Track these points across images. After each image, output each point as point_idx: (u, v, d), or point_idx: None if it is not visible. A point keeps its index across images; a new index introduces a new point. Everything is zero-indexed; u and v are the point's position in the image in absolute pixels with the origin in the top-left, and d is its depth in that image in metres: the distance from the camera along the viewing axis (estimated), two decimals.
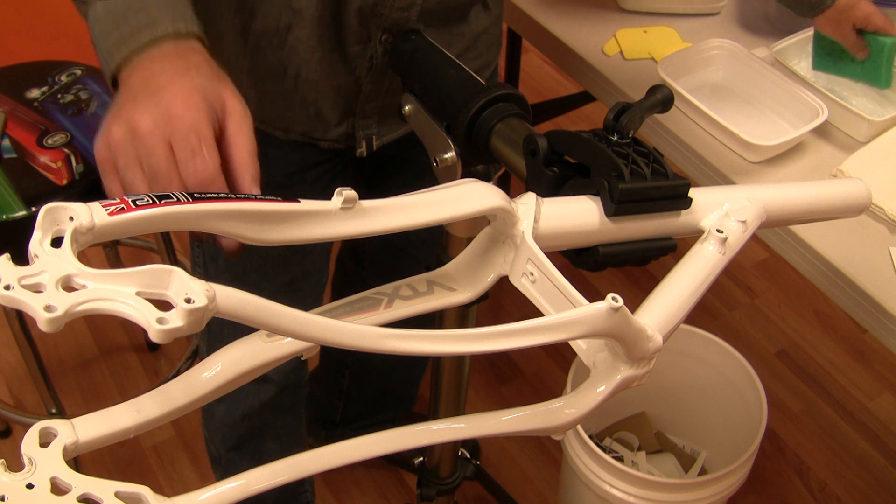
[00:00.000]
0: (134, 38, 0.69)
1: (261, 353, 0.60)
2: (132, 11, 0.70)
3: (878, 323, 0.99)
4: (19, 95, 1.45)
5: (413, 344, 0.52)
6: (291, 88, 0.98)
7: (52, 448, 0.48)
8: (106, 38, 0.70)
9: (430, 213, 0.59)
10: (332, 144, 1.04)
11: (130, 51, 0.69)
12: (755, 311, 2.10)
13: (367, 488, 1.77)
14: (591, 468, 1.38)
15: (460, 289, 0.70)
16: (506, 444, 1.83)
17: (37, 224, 0.46)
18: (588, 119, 2.45)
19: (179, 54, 0.69)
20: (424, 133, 0.86)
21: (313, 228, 0.55)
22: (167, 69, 0.67)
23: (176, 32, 0.69)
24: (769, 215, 0.74)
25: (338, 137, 1.03)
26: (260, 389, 1.28)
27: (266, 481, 0.57)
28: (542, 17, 1.36)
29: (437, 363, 1.01)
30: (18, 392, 1.90)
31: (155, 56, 0.69)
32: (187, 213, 0.49)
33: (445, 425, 0.64)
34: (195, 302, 0.43)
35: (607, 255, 0.67)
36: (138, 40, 0.69)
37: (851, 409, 1.91)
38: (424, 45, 0.90)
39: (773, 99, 1.21)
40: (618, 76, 1.25)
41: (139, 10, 0.70)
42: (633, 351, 0.59)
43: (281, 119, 1.02)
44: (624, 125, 0.68)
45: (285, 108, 1.00)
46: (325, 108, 1.00)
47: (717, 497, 1.37)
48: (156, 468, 1.79)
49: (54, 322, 0.41)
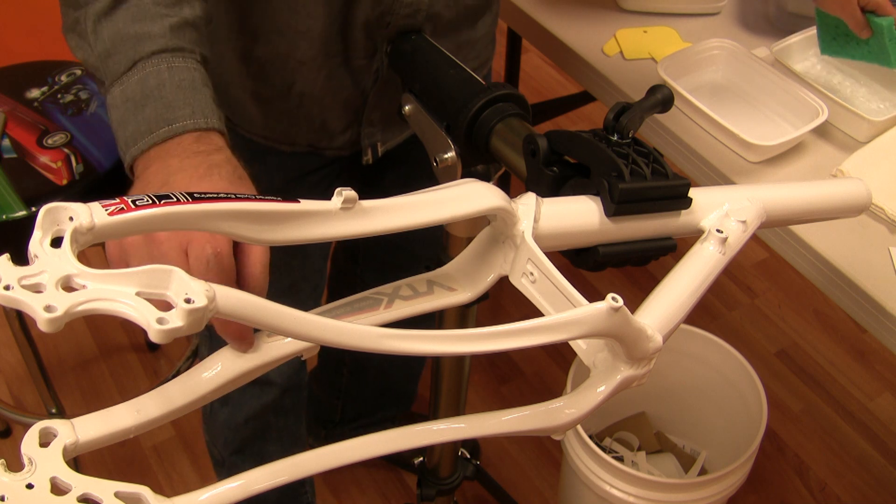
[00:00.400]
0: (152, 132, 0.66)
1: (261, 353, 0.60)
2: (150, 100, 0.67)
3: (878, 323, 0.99)
4: (19, 95, 1.45)
5: (413, 344, 0.52)
6: (296, 105, 0.97)
7: (52, 448, 0.48)
8: (123, 128, 0.68)
9: (430, 213, 0.59)
10: (337, 152, 1.05)
11: (148, 146, 0.66)
12: (755, 311, 2.10)
13: (367, 488, 1.77)
14: (591, 468, 1.38)
15: (460, 289, 0.70)
16: (506, 444, 1.83)
17: (37, 224, 0.46)
18: (588, 119, 2.45)
19: (200, 152, 0.66)
20: (424, 133, 0.86)
21: (313, 228, 0.55)
22: (187, 170, 0.64)
23: (196, 128, 0.67)
24: (769, 215, 0.74)
25: (343, 145, 1.04)
26: (262, 392, 1.28)
27: (266, 481, 0.57)
28: (542, 17, 1.36)
29: (437, 363, 1.01)
30: (18, 392, 1.90)
31: (174, 151, 0.66)
32: (187, 213, 0.49)
33: (445, 425, 0.64)
34: (195, 302, 0.43)
35: (607, 255, 0.67)
36: (156, 136, 0.66)
37: (851, 409, 1.91)
38: (424, 45, 0.90)
39: (773, 99, 1.21)
40: (618, 76, 1.25)
41: (157, 98, 0.67)
42: (633, 351, 0.59)
43: (286, 134, 1.01)
44: (624, 125, 0.68)
45: (290, 124, 1.00)
46: (330, 121, 1.00)
47: (717, 497, 1.37)
48: (156, 468, 1.79)
49: (54, 322, 0.41)
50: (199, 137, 0.67)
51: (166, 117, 0.67)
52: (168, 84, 0.68)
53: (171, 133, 0.66)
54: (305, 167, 1.06)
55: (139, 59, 0.68)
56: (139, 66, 0.68)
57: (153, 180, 0.65)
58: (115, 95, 0.69)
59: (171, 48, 0.69)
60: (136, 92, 0.68)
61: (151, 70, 0.68)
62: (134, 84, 0.68)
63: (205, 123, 0.68)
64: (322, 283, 1.21)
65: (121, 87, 0.68)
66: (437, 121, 0.84)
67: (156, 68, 0.68)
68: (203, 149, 0.67)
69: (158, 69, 0.68)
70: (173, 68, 0.69)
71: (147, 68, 0.68)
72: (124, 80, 0.68)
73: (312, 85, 0.95)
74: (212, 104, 0.69)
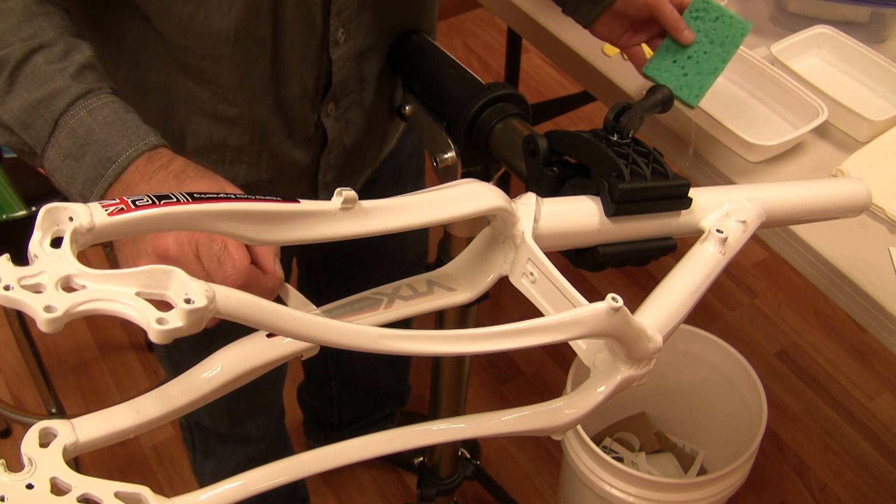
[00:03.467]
0: (101, 175, 0.68)
1: (261, 353, 0.60)
2: (86, 147, 0.68)
3: (878, 323, 0.99)
4: None
5: (413, 344, 0.52)
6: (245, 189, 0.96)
7: (52, 448, 0.48)
8: (73, 184, 0.69)
9: (430, 213, 0.59)
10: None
11: (104, 189, 0.67)
12: (755, 311, 2.10)
13: (367, 488, 1.77)
14: (591, 468, 1.38)
15: (460, 289, 0.70)
16: (506, 444, 1.83)
17: (37, 224, 0.46)
18: (588, 119, 2.45)
19: (158, 168, 0.68)
20: (424, 133, 0.86)
21: (313, 229, 0.55)
22: (161, 188, 0.66)
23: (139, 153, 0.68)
24: (769, 215, 0.74)
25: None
26: (245, 446, 1.29)
27: (266, 481, 0.57)
28: (542, 17, 1.36)
29: (437, 363, 1.01)
30: (18, 392, 1.90)
31: (134, 180, 0.67)
32: (187, 214, 0.49)
33: (445, 425, 0.64)
34: (195, 302, 0.43)
35: (607, 255, 0.67)
36: (108, 177, 0.68)
37: (851, 409, 1.91)
38: (424, 45, 0.90)
39: (773, 99, 1.21)
40: (618, 76, 1.25)
41: (91, 143, 0.68)
42: (633, 351, 0.60)
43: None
44: (624, 125, 0.68)
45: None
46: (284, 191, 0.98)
47: (717, 497, 1.37)
48: (156, 468, 1.79)
49: (54, 322, 0.41)
50: (149, 158, 0.68)
51: (108, 156, 0.68)
52: (95, 127, 0.69)
53: (119, 168, 0.67)
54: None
55: (58, 116, 0.69)
56: (61, 122, 0.69)
57: None
58: (52, 159, 0.70)
59: (82, 94, 0.70)
60: (70, 146, 0.69)
61: (74, 121, 0.69)
62: (63, 140, 0.69)
63: (145, 146, 0.69)
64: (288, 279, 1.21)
65: (54, 149, 0.69)
66: (437, 121, 0.84)
67: (77, 117, 0.69)
68: (158, 165, 0.68)
69: (80, 117, 0.69)
70: (92, 110, 0.69)
71: (69, 121, 0.69)
72: (53, 142, 0.69)
73: (257, 170, 0.92)
74: (143, 126, 0.70)
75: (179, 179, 0.66)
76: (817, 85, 1.19)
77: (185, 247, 0.63)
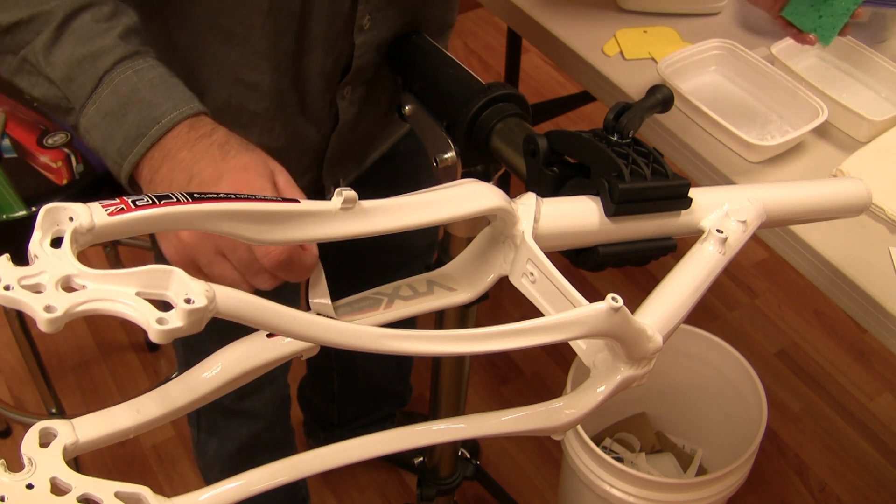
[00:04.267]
0: (143, 135, 0.68)
1: (261, 353, 0.60)
2: (130, 106, 0.68)
3: (878, 323, 0.99)
4: (19, 95, 1.45)
5: (413, 344, 0.52)
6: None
7: (52, 448, 0.48)
8: (111, 142, 0.69)
9: (430, 213, 0.59)
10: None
11: (144, 149, 0.68)
12: (755, 311, 2.10)
13: (367, 488, 1.77)
14: (591, 468, 1.38)
15: (460, 289, 0.70)
16: (506, 444, 1.83)
17: (37, 224, 0.46)
18: (588, 119, 2.45)
19: (201, 136, 0.68)
20: (424, 133, 0.86)
21: (313, 229, 0.55)
22: (204, 157, 0.67)
23: (183, 117, 0.69)
24: (769, 215, 0.74)
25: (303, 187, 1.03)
26: (250, 422, 1.29)
27: (266, 481, 0.57)
28: (542, 17, 1.36)
29: (437, 363, 1.01)
30: (18, 392, 1.90)
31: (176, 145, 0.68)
32: (187, 213, 0.49)
33: (445, 425, 0.64)
34: (195, 302, 0.43)
35: (607, 255, 0.67)
36: (150, 137, 0.68)
37: (851, 409, 1.91)
38: (424, 45, 0.90)
39: (773, 99, 1.21)
40: (618, 76, 1.25)
41: (136, 102, 0.68)
42: (633, 351, 0.59)
43: None
44: (624, 125, 0.68)
45: None
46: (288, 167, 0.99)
47: (717, 497, 1.37)
48: (156, 468, 1.79)
49: (54, 322, 0.41)
50: (192, 124, 0.69)
51: (152, 116, 0.68)
52: (141, 87, 0.69)
53: (163, 130, 0.68)
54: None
55: (104, 73, 0.69)
56: (106, 79, 0.69)
57: (176, 178, 0.67)
58: (91, 115, 0.70)
59: (129, 54, 0.70)
60: (113, 104, 0.69)
61: (120, 79, 0.69)
62: (107, 97, 0.69)
63: (190, 110, 0.69)
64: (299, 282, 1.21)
65: (94, 106, 0.69)
66: (437, 121, 0.84)
67: (123, 76, 0.69)
68: (201, 133, 0.68)
69: (126, 76, 0.69)
70: (139, 71, 0.70)
71: (115, 79, 0.69)
72: (95, 98, 0.69)
73: (269, 136, 0.92)
74: (187, 92, 0.71)
75: (224, 151, 0.67)
76: (817, 85, 1.19)
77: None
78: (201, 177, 0.66)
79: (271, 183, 0.67)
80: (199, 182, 0.66)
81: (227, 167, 0.66)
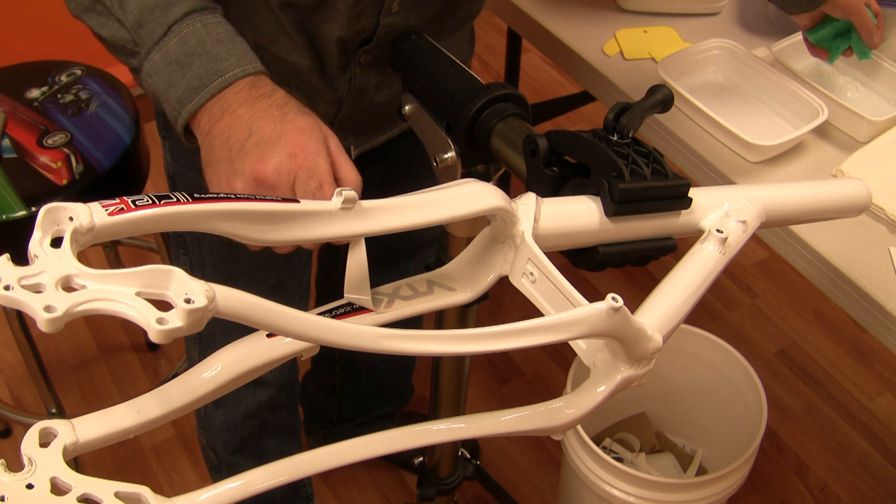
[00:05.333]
0: (205, 86, 0.70)
1: (261, 353, 0.60)
2: (195, 57, 0.71)
3: (878, 323, 0.99)
4: (19, 95, 1.45)
5: (413, 344, 0.52)
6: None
7: (52, 448, 0.48)
8: (173, 89, 0.71)
9: (430, 213, 0.59)
10: None
11: (205, 99, 0.70)
12: (755, 311, 2.10)
13: (367, 488, 1.77)
14: (591, 468, 1.38)
15: (460, 289, 0.70)
16: (506, 444, 1.83)
17: (37, 224, 0.46)
18: (588, 119, 2.45)
19: (261, 95, 0.70)
20: (424, 133, 0.86)
21: (313, 228, 0.55)
22: (264, 116, 0.69)
23: (245, 73, 0.71)
24: (769, 215, 0.74)
25: None
26: (257, 390, 1.28)
27: (266, 481, 0.57)
28: (542, 17, 1.36)
29: (437, 363, 1.01)
30: (18, 392, 1.90)
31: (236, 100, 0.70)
32: (187, 214, 0.49)
33: (445, 425, 0.64)
34: (195, 302, 0.43)
35: (607, 255, 0.67)
36: (211, 88, 0.70)
37: (851, 409, 1.91)
38: (424, 45, 0.90)
39: (773, 99, 1.21)
40: (618, 76, 1.25)
41: (202, 54, 0.71)
42: (633, 351, 0.59)
43: None
44: (624, 125, 0.68)
45: None
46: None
47: (717, 497, 1.37)
48: (156, 468, 1.79)
49: (54, 322, 0.41)
50: (253, 83, 0.71)
51: (216, 69, 0.70)
52: (208, 40, 0.72)
53: (224, 83, 0.70)
54: None
55: (173, 22, 0.72)
56: (174, 29, 0.72)
57: (235, 132, 0.69)
58: (156, 61, 0.72)
59: (199, 8, 0.73)
60: (179, 53, 0.71)
61: (188, 30, 0.72)
62: (174, 46, 0.71)
63: (252, 69, 0.72)
64: (307, 279, 1.22)
65: (160, 53, 0.72)
66: (437, 121, 0.84)
67: (192, 28, 0.72)
68: (262, 92, 0.71)
69: (194, 28, 0.72)
70: (207, 25, 0.73)
71: (183, 29, 0.72)
72: (162, 46, 0.72)
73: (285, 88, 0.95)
74: (251, 51, 0.73)
75: (283, 112, 0.70)
76: (817, 85, 1.19)
77: (284, 177, 0.66)
78: (260, 134, 0.68)
79: (325, 147, 0.69)
80: (257, 139, 0.68)
81: (285, 128, 0.68)
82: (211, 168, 0.70)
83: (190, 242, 1.12)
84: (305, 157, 0.67)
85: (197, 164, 1.05)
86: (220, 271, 1.11)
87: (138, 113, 1.46)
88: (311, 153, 0.67)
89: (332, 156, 0.70)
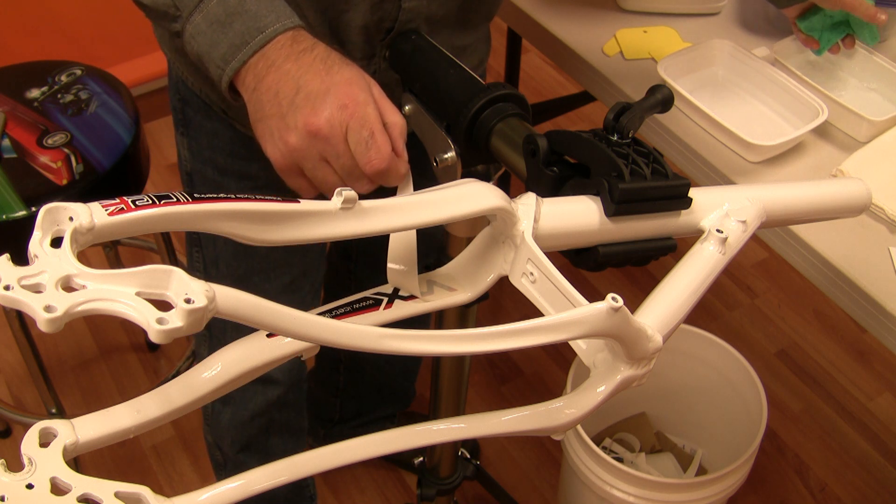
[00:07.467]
0: (247, 43, 0.72)
1: (261, 353, 0.60)
2: (236, 16, 0.72)
3: (878, 323, 0.99)
4: (19, 95, 1.45)
5: (413, 344, 0.52)
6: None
7: (52, 448, 0.48)
8: (215, 49, 0.73)
9: (430, 213, 0.59)
10: None
11: (248, 56, 0.72)
12: (755, 311, 2.10)
13: (367, 488, 1.77)
14: (591, 468, 1.38)
15: (460, 289, 0.70)
16: (506, 444, 1.83)
17: (37, 224, 0.46)
18: (588, 119, 2.45)
19: (304, 50, 0.72)
20: (424, 133, 0.86)
21: (313, 228, 0.55)
22: (311, 72, 0.71)
23: (285, 28, 0.73)
24: (769, 215, 0.74)
25: None
26: (266, 389, 1.28)
27: (266, 481, 0.57)
28: (542, 17, 1.36)
29: (437, 363, 1.01)
30: (18, 392, 1.90)
31: (280, 56, 0.72)
32: (187, 214, 0.49)
33: (445, 425, 0.64)
34: (195, 302, 0.43)
35: (607, 255, 0.67)
36: (253, 45, 0.72)
37: (851, 409, 1.91)
38: (424, 45, 0.90)
39: (773, 99, 1.21)
40: (618, 76, 1.25)
41: (242, 13, 0.73)
42: (633, 351, 0.59)
43: None
44: (624, 125, 0.68)
45: None
46: None
47: (717, 497, 1.37)
48: (156, 468, 1.79)
49: (54, 322, 0.41)
50: (293, 37, 0.73)
51: (257, 26, 0.72)
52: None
53: (266, 39, 0.72)
54: None
55: None
56: None
57: (283, 88, 0.71)
58: (198, 23, 0.74)
59: None
60: (220, 13, 0.73)
61: None
62: (214, 7, 0.73)
63: (291, 23, 0.73)
64: (320, 280, 1.22)
65: (202, 14, 0.73)
66: (437, 121, 0.84)
67: None
68: (304, 46, 0.72)
69: None
70: None
71: None
72: (203, 7, 0.73)
73: None
74: (289, 8, 0.74)
75: (327, 65, 0.71)
76: (817, 85, 1.19)
77: (336, 128, 0.68)
78: (308, 88, 0.70)
79: (371, 95, 0.71)
80: (306, 93, 0.70)
81: (332, 81, 0.70)
82: (262, 124, 0.72)
83: (204, 240, 1.13)
84: (356, 108, 0.69)
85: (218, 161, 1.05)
86: (233, 269, 1.12)
87: (138, 113, 1.46)
88: (360, 103, 0.69)
89: (377, 101, 0.72)
